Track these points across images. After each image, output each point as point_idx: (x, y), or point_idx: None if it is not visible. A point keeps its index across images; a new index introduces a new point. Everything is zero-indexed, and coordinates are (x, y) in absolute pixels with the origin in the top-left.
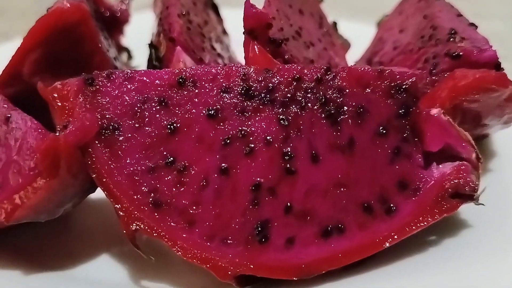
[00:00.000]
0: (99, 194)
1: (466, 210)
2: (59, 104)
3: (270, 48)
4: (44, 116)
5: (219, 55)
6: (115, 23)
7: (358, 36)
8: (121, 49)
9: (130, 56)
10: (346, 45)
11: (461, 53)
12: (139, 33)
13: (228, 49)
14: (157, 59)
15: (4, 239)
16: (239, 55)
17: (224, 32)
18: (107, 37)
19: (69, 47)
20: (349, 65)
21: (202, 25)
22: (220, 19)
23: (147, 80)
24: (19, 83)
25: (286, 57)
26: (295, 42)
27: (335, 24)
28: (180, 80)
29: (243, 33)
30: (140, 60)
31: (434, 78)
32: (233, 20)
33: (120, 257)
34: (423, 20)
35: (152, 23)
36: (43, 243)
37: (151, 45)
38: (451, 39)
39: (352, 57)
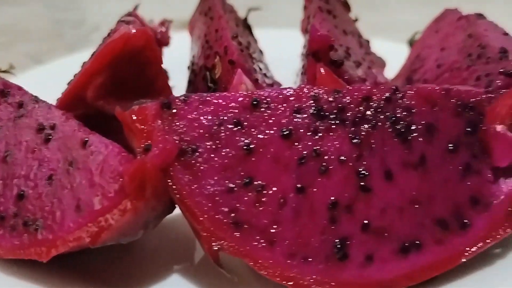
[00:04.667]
0: None
1: None
2: (139, 127)
3: (331, 69)
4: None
5: (265, 75)
6: None
7: (389, 54)
8: None
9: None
10: (382, 63)
11: None
12: (173, 54)
13: (268, 68)
14: (212, 81)
15: (78, 260)
16: (276, 75)
17: (261, 52)
18: None
19: (134, 72)
20: (388, 82)
21: (248, 46)
22: (255, 39)
23: (223, 103)
24: (82, 106)
25: (346, 77)
26: (347, 62)
27: (368, 42)
28: (254, 102)
29: (307, 55)
30: (176, 81)
31: (490, 95)
32: (262, 40)
33: (189, 276)
34: (468, 39)
35: (186, 44)
36: (115, 263)
37: (206, 67)
38: (503, 58)
39: (388, 74)
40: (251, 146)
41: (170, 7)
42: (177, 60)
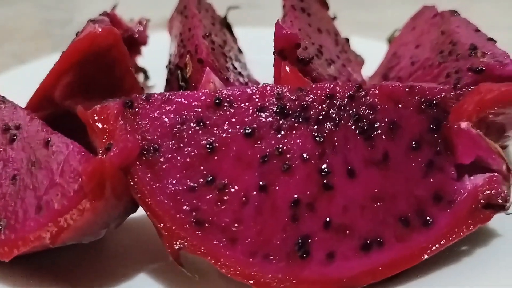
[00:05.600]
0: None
1: (494, 219)
2: (100, 126)
3: (298, 67)
4: (74, 138)
5: (240, 73)
6: (132, 45)
7: (369, 52)
8: (138, 69)
9: (146, 77)
10: (360, 61)
11: (484, 68)
12: (154, 53)
13: (245, 67)
14: (183, 80)
15: (46, 260)
16: (255, 74)
17: (240, 50)
18: None
19: (101, 71)
20: (365, 80)
21: (223, 45)
22: (234, 38)
23: (185, 102)
24: (50, 107)
25: (314, 75)
26: (318, 60)
27: (347, 40)
28: (217, 101)
29: (273, 53)
30: (155, 81)
31: (458, 92)
32: (244, 39)
33: (158, 275)
34: (441, 36)
35: (167, 43)
36: (83, 263)
37: (177, 66)
38: (472, 54)
39: (366, 72)
40: (213, 145)
41: (154, 6)
42: (158, 59)
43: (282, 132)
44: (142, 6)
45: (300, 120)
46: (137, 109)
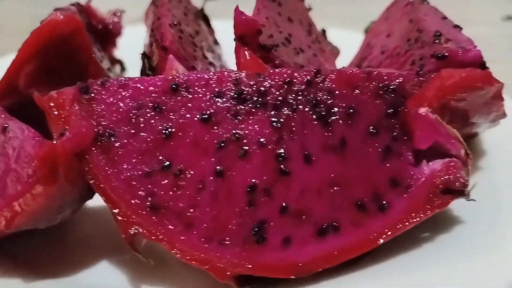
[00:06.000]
0: (97, 201)
1: (458, 206)
2: (55, 112)
3: (260, 54)
4: (41, 126)
5: (211, 63)
6: (107, 36)
7: (348, 43)
8: (114, 61)
9: (123, 68)
10: (335, 52)
11: (446, 54)
12: (132, 45)
13: (220, 58)
14: (150, 69)
15: (4, 248)
16: (231, 65)
17: (216, 42)
18: (100, 50)
19: (64, 58)
20: None
21: (194, 35)
22: (211, 30)
23: (141, 87)
24: (15, 95)
25: (277, 62)
26: (285, 48)
27: (324, 31)
28: (174, 86)
29: (234, 39)
30: (133, 72)
31: (421, 79)
32: (225, 31)
33: (121, 263)
34: (409, 24)
35: (144, 35)
36: (43, 251)
37: (144, 55)
38: (436, 41)
39: (342, 63)
40: (170, 130)
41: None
42: (136, 51)
43: (239, 118)
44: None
45: (258, 105)
46: (92, 95)
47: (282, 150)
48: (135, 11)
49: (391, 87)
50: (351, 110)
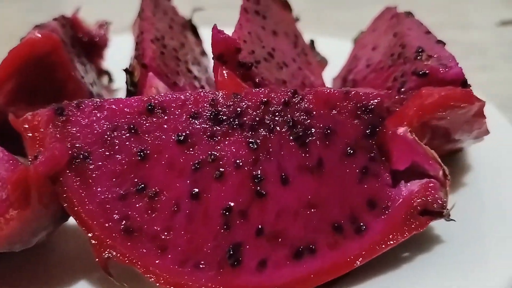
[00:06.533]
0: (74, 221)
1: (439, 226)
2: (30, 135)
3: (240, 71)
4: (20, 146)
5: (195, 77)
6: (94, 48)
7: (337, 52)
8: (101, 72)
9: (110, 79)
10: (323, 63)
11: (427, 71)
12: (121, 55)
13: (206, 70)
14: (132, 84)
15: None
16: None
17: (203, 53)
18: (85, 62)
19: (42, 77)
20: (325, 83)
21: (178, 48)
22: (199, 41)
23: (116, 108)
24: None
25: (257, 80)
26: (267, 63)
27: (312, 42)
28: (149, 107)
29: (212, 58)
30: (121, 83)
31: (402, 96)
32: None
33: (98, 283)
34: (393, 38)
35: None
36: (20, 272)
37: (126, 71)
38: (418, 57)
39: (330, 73)
40: (145, 152)
41: (127, 9)
42: (125, 62)
43: (216, 139)
44: (115, 8)
45: (234, 126)
46: (67, 116)
47: (258, 172)
48: (129, 15)
49: (369, 107)
50: (329, 131)
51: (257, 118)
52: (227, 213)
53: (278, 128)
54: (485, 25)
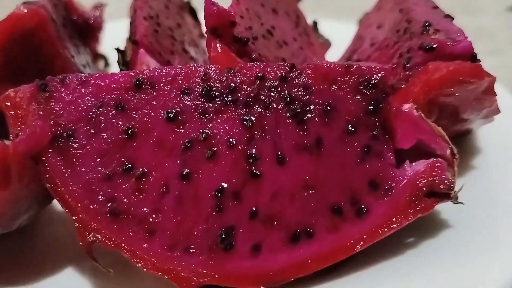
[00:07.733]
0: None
1: (447, 209)
2: (12, 112)
3: (235, 47)
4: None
5: (192, 58)
6: (89, 31)
7: (341, 35)
8: (97, 56)
9: (107, 63)
10: (326, 44)
11: (434, 45)
12: (118, 41)
13: (204, 52)
14: (124, 64)
15: None
16: None
17: (202, 35)
18: (78, 44)
19: (28, 53)
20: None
21: (174, 28)
22: (198, 23)
23: (102, 84)
24: None
25: (254, 56)
26: (266, 41)
27: (315, 23)
28: (137, 82)
29: (205, 32)
30: (118, 67)
31: (408, 72)
32: None
33: (83, 270)
34: (399, 14)
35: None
36: (3, 258)
37: (118, 50)
38: (425, 32)
39: (334, 56)
40: (132, 130)
41: None
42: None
43: (208, 116)
44: None
45: (228, 103)
46: (51, 92)
47: (253, 151)
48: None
49: (372, 82)
50: (328, 108)
51: (252, 94)
52: (219, 195)
53: (274, 104)
54: (494, 10)
